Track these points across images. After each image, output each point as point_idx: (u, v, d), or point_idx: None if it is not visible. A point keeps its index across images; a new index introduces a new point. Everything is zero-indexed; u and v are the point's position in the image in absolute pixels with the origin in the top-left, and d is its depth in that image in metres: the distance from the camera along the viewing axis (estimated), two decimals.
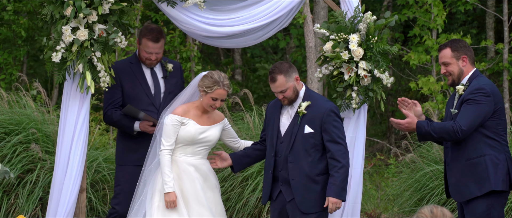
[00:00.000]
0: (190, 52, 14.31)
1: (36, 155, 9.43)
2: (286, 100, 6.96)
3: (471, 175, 6.78)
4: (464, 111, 6.76)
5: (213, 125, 7.19)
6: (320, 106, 6.92)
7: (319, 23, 7.86)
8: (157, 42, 7.66)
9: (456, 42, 6.96)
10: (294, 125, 6.92)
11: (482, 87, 6.76)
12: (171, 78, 7.79)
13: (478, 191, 6.75)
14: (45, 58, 7.41)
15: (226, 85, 7.06)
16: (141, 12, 14.22)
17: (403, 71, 16.30)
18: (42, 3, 7.39)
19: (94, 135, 10.41)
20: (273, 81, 6.92)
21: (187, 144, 7.10)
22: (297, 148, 6.87)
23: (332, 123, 6.87)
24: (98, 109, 14.19)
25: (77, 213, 7.52)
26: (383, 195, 10.83)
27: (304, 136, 6.86)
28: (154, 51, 7.66)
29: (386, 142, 15.37)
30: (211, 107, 7.11)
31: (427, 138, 6.89)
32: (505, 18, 13.73)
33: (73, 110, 7.41)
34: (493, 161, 6.75)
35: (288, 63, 7.03)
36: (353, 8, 7.63)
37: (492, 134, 6.79)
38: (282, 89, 6.91)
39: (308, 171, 6.84)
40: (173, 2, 7.51)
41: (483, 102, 6.73)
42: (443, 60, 6.94)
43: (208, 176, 7.15)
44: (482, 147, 6.77)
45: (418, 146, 10.22)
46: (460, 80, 6.93)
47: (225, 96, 7.09)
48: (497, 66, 13.90)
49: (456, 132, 6.70)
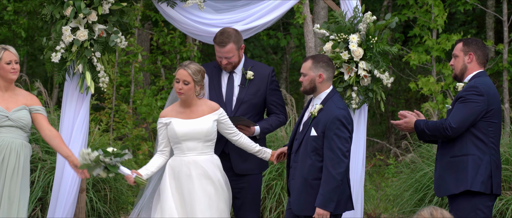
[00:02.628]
0: (190, 52, 14.31)
1: (36, 155, 9.43)
2: (302, 87, 6.88)
3: (451, 172, 6.79)
4: (456, 109, 6.77)
5: (200, 117, 7.08)
6: (330, 111, 6.71)
7: (319, 23, 7.86)
8: (223, 47, 7.35)
9: (471, 39, 6.96)
10: (306, 126, 6.87)
11: (476, 85, 6.75)
12: (250, 86, 7.43)
13: (454, 188, 6.74)
14: (45, 58, 7.41)
15: (189, 67, 6.98)
16: (141, 12, 14.22)
17: (403, 71, 16.30)
18: (42, 3, 7.40)
19: (94, 135, 10.41)
20: (304, 60, 6.91)
21: (177, 142, 7.03)
22: (302, 149, 6.81)
23: (334, 131, 6.64)
24: (98, 109, 14.20)
25: (77, 213, 7.53)
26: (383, 196, 10.83)
27: (309, 138, 6.76)
28: (223, 55, 7.36)
29: (386, 142, 15.37)
30: (178, 93, 7.01)
31: (424, 136, 6.91)
32: (505, 18, 13.73)
33: (73, 110, 7.41)
34: (475, 162, 6.73)
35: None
36: (353, 8, 7.64)
37: (481, 134, 6.76)
38: (302, 71, 6.84)
39: (306, 174, 6.72)
40: (173, 3, 7.51)
41: (475, 100, 6.72)
42: (454, 52, 6.96)
43: (209, 172, 7.06)
44: (468, 146, 6.76)
45: (418, 146, 10.21)
46: (462, 75, 6.93)
47: (186, 77, 6.96)
48: (497, 66, 13.90)
49: (445, 129, 6.71)
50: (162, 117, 7.09)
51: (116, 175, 9.74)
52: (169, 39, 14.22)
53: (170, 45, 14.25)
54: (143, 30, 15.16)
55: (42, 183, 9.36)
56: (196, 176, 7.02)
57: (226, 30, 7.40)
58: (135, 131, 13.00)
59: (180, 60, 14.45)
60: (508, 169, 9.20)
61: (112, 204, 9.77)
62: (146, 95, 13.86)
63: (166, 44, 14.29)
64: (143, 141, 13.11)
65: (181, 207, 7.00)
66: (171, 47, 14.28)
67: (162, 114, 7.10)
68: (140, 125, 13.67)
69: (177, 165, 7.04)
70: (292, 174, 6.86)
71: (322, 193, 6.59)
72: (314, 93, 6.83)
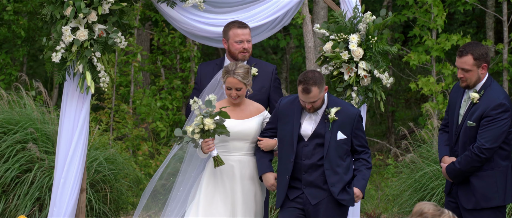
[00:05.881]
0: (190, 52, 14.31)
1: (34, 155, 9.43)
2: (313, 109, 6.86)
3: (479, 186, 6.90)
4: (485, 129, 6.80)
5: (249, 118, 7.09)
6: (349, 111, 6.87)
7: (319, 23, 7.86)
8: (245, 28, 7.42)
9: (478, 49, 6.89)
10: (325, 132, 6.84)
11: (503, 102, 6.80)
12: (255, 83, 7.37)
13: (485, 203, 6.89)
14: (45, 58, 7.41)
15: (237, 73, 6.94)
16: (141, 12, 14.22)
17: (403, 71, 16.29)
18: (42, 3, 7.40)
19: (94, 135, 10.41)
20: (307, 92, 6.74)
21: (225, 140, 7.00)
22: (331, 155, 6.83)
23: (361, 129, 6.90)
24: (98, 109, 14.19)
25: (77, 213, 7.53)
26: (383, 196, 10.83)
27: (337, 143, 6.83)
28: (245, 38, 7.39)
29: (386, 142, 15.37)
30: (231, 97, 7.02)
31: (461, 175, 6.92)
32: (505, 18, 13.72)
33: (73, 110, 7.41)
34: (503, 174, 6.88)
35: (318, 72, 6.85)
36: (353, 8, 7.64)
37: (504, 145, 6.88)
38: (314, 100, 6.80)
39: (345, 177, 6.85)
40: (173, 3, 7.51)
41: (504, 118, 6.79)
42: (464, 66, 6.89)
43: (253, 173, 7.05)
44: (494, 159, 6.87)
45: (418, 146, 10.21)
46: (475, 85, 6.95)
47: (237, 84, 6.95)
48: (496, 66, 13.90)
49: (479, 153, 6.77)
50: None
51: (117, 175, 9.75)
52: (169, 39, 14.21)
53: (170, 45, 14.24)
54: (143, 30, 15.16)
55: (39, 183, 9.35)
56: (240, 176, 7.02)
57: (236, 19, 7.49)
58: (135, 131, 13.00)
59: (180, 60, 14.45)
60: None
61: (112, 204, 9.77)
62: (146, 95, 13.86)
63: (166, 44, 14.29)
64: (143, 141, 13.11)
65: (222, 207, 6.98)
66: (171, 47, 14.28)
67: None
68: (140, 125, 13.67)
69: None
70: (330, 182, 6.89)
71: (364, 178, 6.95)
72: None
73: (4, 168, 9.35)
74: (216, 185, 7.01)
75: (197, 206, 6.99)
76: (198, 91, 7.47)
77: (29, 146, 9.40)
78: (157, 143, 13.49)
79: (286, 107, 6.99)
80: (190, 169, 7.20)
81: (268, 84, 7.46)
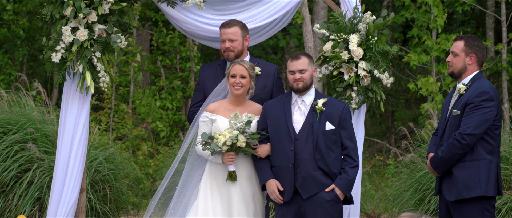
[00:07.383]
0: (190, 52, 14.31)
1: (34, 155, 9.42)
2: (301, 83, 6.94)
3: (462, 177, 6.84)
4: (468, 116, 6.76)
5: None
6: (337, 103, 7.00)
7: (319, 23, 7.86)
8: (228, 27, 7.35)
9: (473, 39, 6.96)
10: (313, 122, 6.91)
11: (486, 90, 6.77)
12: (257, 82, 7.37)
13: (466, 193, 6.81)
14: (45, 58, 7.41)
15: (242, 62, 7.03)
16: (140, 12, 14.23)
17: (402, 72, 16.30)
18: (42, 3, 7.40)
19: (94, 135, 10.41)
20: (296, 58, 6.97)
21: None
22: (320, 146, 6.88)
23: (349, 121, 6.98)
24: (98, 109, 14.20)
25: (77, 213, 7.52)
26: (382, 196, 10.83)
27: (325, 133, 6.89)
28: (227, 37, 7.33)
29: (386, 142, 15.37)
30: (234, 88, 7.00)
31: (444, 164, 6.88)
32: (503, 19, 13.73)
33: (73, 110, 7.41)
34: (486, 166, 6.81)
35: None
36: (353, 8, 7.64)
37: (489, 138, 6.83)
38: (302, 68, 6.93)
39: (333, 168, 6.90)
40: (173, 2, 7.51)
41: (487, 106, 6.75)
42: (453, 49, 6.95)
43: (252, 174, 7.05)
44: (478, 150, 6.82)
45: (418, 146, 10.22)
46: (460, 74, 6.94)
47: (243, 71, 7.00)
48: (496, 66, 13.91)
49: (460, 139, 6.73)
50: (209, 111, 7.06)
51: (116, 175, 9.76)
52: (169, 39, 14.22)
53: (170, 45, 14.25)
54: (143, 30, 15.17)
55: (39, 183, 9.35)
56: (238, 177, 7.00)
57: (234, 18, 7.47)
58: (135, 131, 13.00)
59: (180, 60, 14.45)
60: (508, 168, 9.20)
61: (112, 204, 9.77)
62: (145, 95, 13.87)
63: (166, 44, 14.30)
64: (142, 141, 13.11)
65: (220, 207, 6.98)
66: (171, 47, 14.28)
67: (208, 109, 7.07)
68: (139, 125, 13.68)
69: (218, 164, 7.02)
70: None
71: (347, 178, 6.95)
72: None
73: (3, 168, 9.35)
74: (213, 185, 7.02)
75: (196, 206, 7.00)
76: (199, 92, 7.47)
77: (28, 146, 9.40)
78: (157, 143, 13.49)
79: (273, 106, 7.06)
80: (193, 170, 7.21)
81: (270, 83, 7.46)
